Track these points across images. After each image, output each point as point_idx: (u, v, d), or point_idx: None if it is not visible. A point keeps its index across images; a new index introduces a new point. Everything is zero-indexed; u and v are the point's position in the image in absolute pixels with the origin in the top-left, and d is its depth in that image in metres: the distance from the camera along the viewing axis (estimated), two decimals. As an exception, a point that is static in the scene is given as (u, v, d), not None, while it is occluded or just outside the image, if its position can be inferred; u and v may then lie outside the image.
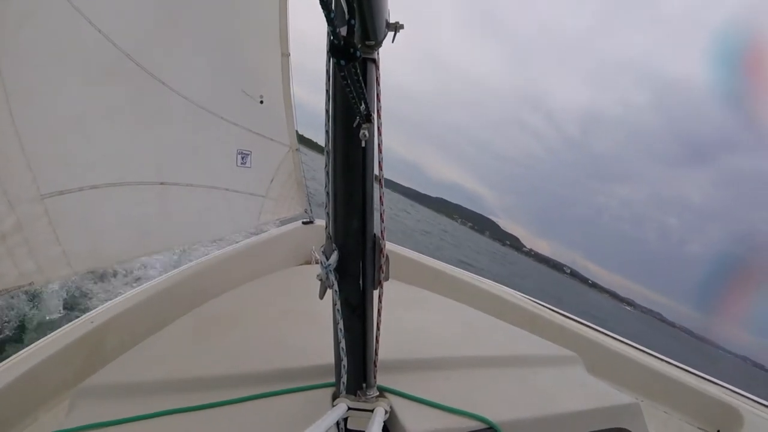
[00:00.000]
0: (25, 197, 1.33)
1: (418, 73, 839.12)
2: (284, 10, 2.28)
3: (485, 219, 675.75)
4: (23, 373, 1.26)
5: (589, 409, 1.12)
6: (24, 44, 1.29)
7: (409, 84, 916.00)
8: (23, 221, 1.32)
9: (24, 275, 1.34)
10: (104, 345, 1.53)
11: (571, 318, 2.46)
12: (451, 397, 1.01)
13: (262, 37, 2.30)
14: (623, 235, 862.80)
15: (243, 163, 2.33)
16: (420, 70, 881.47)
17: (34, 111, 1.35)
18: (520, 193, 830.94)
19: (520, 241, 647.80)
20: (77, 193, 1.51)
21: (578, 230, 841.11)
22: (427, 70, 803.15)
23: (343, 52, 0.46)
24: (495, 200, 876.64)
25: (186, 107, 1.92)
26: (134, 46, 1.62)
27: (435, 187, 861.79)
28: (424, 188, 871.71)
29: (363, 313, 0.87)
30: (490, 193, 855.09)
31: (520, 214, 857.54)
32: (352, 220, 0.80)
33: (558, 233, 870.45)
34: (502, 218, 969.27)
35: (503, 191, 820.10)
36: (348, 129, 0.72)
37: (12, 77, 1.25)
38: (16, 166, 1.30)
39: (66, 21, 1.39)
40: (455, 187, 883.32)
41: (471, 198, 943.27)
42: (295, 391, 0.99)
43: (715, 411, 1.94)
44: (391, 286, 0.91)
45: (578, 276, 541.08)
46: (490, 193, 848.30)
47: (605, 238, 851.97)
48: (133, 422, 0.88)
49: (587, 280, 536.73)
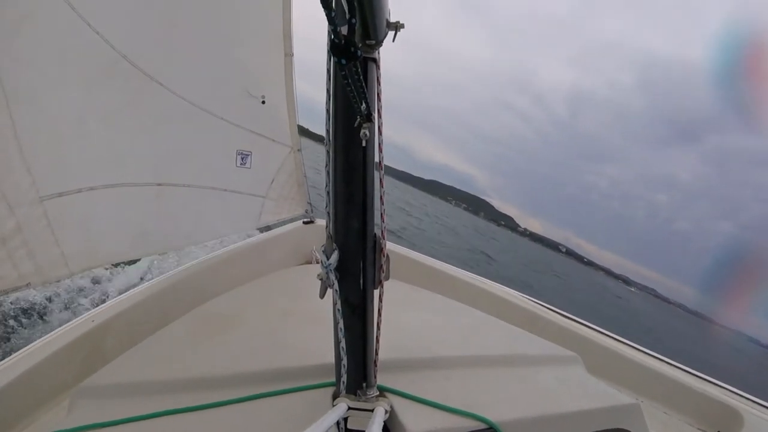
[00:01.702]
0: (25, 200, 1.33)
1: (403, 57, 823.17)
2: (287, 9, 2.27)
3: (479, 200, 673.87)
4: (23, 372, 1.26)
5: (589, 410, 1.12)
6: (23, 47, 1.29)
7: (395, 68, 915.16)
8: (22, 223, 1.32)
9: (22, 276, 1.34)
10: (104, 345, 1.53)
11: (571, 318, 2.46)
12: (451, 396, 1.00)
13: (264, 37, 2.30)
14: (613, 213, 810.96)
15: (242, 164, 2.32)
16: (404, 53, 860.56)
17: (33, 113, 1.35)
18: (510, 174, 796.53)
19: (515, 221, 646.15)
20: (75, 195, 1.51)
21: (569, 209, 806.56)
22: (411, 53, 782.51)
23: (344, 51, 0.46)
24: (486, 181, 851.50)
25: (184, 108, 1.92)
26: (132, 48, 1.62)
27: (427, 170, 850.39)
28: (416, 171, 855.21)
29: (363, 312, 0.87)
30: (480, 174, 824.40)
31: (511, 194, 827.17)
32: (353, 219, 0.80)
33: (550, 212, 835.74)
34: (494, 198, 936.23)
35: (494, 172, 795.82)
36: (349, 128, 0.72)
37: (11, 80, 1.25)
38: (15, 169, 1.31)
39: (64, 23, 1.40)
40: (446, 169, 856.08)
41: (462, 179, 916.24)
42: (295, 391, 0.99)
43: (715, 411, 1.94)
44: (392, 285, 0.91)
45: (574, 254, 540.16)
46: (480, 173, 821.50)
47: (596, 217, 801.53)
48: (134, 422, 0.88)
49: (582, 258, 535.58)
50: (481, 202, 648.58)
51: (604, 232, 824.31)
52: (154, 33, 1.73)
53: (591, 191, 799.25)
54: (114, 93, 1.63)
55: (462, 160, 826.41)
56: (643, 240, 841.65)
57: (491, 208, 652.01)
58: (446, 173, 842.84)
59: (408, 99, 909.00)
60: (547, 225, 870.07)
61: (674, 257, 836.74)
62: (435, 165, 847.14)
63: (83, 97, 1.52)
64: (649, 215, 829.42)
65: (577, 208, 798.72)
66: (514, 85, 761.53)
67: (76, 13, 1.40)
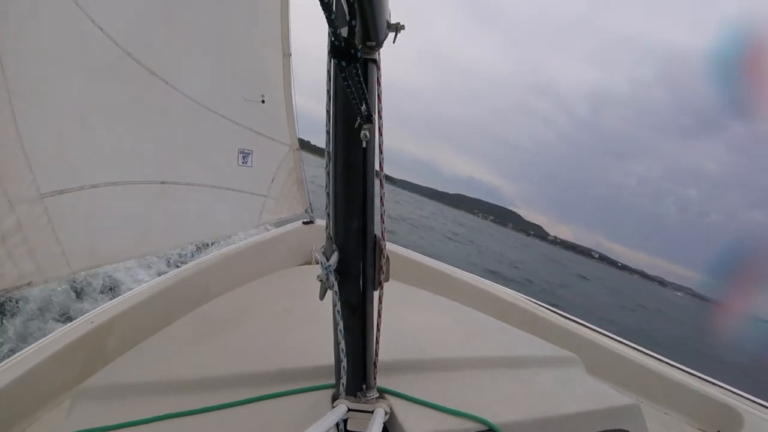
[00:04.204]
0: (25, 197, 1.33)
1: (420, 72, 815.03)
2: (285, 9, 2.27)
3: (506, 211, 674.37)
4: (23, 373, 1.26)
5: (589, 411, 1.12)
6: (27, 43, 1.29)
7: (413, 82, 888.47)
8: (23, 221, 1.32)
9: (23, 275, 1.33)
10: (104, 345, 1.53)
11: (571, 319, 2.45)
12: (451, 398, 1.00)
13: (264, 37, 2.30)
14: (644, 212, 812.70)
15: (244, 163, 2.32)
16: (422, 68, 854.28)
17: (36, 110, 1.34)
18: (536, 181, 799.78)
19: (544, 229, 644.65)
20: (77, 192, 1.50)
21: (598, 212, 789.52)
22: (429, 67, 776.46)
23: (344, 53, 0.46)
24: (512, 190, 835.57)
25: (187, 106, 1.92)
26: (136, 45, 1.61)
27: (452, 184, 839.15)
28: (441, 186, 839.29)
29: (363, 314, 0.87)
30: (506, 184, 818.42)
31: (538, 201, 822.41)
32: (353, 220, 0.80)
33: (579, 217, 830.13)
34: (522, 208, 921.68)
35: (519, 180, 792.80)
36: (349, 129, 0.72)
37: (14, 76, 1.25)
38: (16, 166, 1.30)
39: (68, 20, 1.39)
40: (471, 182, 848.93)
41: (488, 191, 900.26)
42: (295, 393, 0.99)
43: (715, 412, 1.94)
44: (392, 286, 0.91)
45: (607, 259, 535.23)
46: (506, 183, 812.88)
47: (627, 217, 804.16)
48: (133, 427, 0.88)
49: (616, 262, 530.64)
50: (508, 212, 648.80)
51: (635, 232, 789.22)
52: (157, 30, 1.73)
53: (620, 191, 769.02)
54: (117, 90, 1.62)
55: (486, 171, 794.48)
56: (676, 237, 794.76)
57: (519, 218, 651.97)
58: (471, 186, 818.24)
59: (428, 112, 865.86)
60: (578, 230, 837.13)
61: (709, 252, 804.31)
62: (460, 178, 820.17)
63: (86, 93, 1.52)
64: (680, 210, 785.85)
65: (606, 210, 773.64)
66: (533, 89, 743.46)
67: (80, 9, 1.39)
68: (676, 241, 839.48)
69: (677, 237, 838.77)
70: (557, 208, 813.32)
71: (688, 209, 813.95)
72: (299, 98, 2.52)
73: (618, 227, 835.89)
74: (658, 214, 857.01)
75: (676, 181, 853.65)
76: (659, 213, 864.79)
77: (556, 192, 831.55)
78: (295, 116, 2.58)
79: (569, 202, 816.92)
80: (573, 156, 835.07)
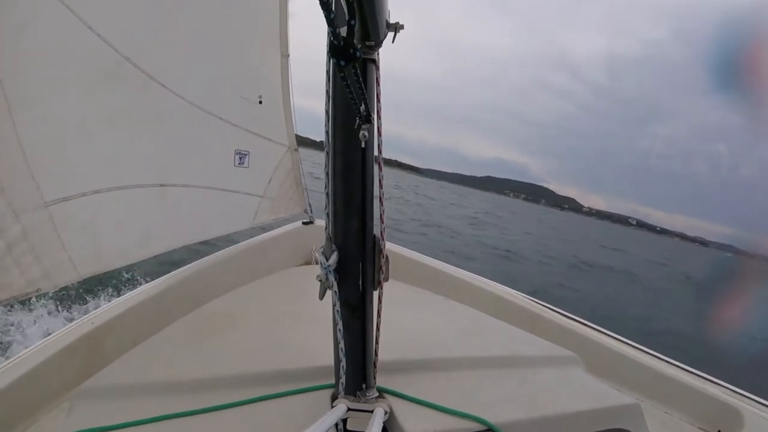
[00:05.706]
0: (30, 206, 1.33)
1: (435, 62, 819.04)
2: (284, 10, 2.27)
3: (537, 187, 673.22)
4: (23, 374, 1.26)
5: (589, 410, 1.12)
6: (24, 52, 1.29)
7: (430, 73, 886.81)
8: (28, 229, 1.32)
9: (31, 282, 1.33)
10: (105, 346, 1.53)
11: (571, 318, 2.45)
12: (451, 398, 1.00)
13: (262, 38, 2.30)
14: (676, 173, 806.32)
15: (241, 164, 2.32)
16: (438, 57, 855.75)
17: (36, 118, 1.34)
18: (563, 155, 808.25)
19: (577, 202, 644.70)
20: (80, 199, 1.50)
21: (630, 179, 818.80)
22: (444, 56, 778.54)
23: (343, 53, 0.46)
24: (540, 166, 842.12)
25: (185, 108, 1.92)
26: (133, 50, 1.61)
27: (479, 167, 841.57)
28: (469, 170, 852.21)
29: (363, 314, 0.87)
30: (533, 161, 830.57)
31: (567, 175, 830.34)
32: (352, 220, 0.80)
33: (610, 186, 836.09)
34: (552, 183, 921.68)
35: (546, 156, 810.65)
36: (348, 130, 0.72)
37: (12, 85, 1.24)
38: (20, 175, 1.30)
39: (65, 27, 1.39)
40: (499, 162, 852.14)
41: (515, 169, 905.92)
42: (295, 393, 0.99)
43: (715, 411, 1.94)
44: (391, 286, 0.91)
45: (645, 225, 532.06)
46: (532, 160, 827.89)
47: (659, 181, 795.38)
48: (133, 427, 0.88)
49: (655, 227, 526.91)
50: (539, 189, 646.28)
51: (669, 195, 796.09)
52: (154, 34, 1.73)
53: (648, 155, 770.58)
54: (116, 95, 1.62)
55: (512, 150, 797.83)
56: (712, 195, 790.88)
57: (551, 193, 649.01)
58: (499, 166, 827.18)
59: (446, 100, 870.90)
60: (611, 199, 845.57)
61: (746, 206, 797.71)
62: (486, 160, 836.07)
63: (86, 100, 1.52)
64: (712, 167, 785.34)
65: (638, 176, 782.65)
66: (548, 64, 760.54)
67: (76, 16, 1.39)
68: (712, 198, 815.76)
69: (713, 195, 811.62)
70: (587, 179, 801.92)
71: (719, 165, 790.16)
72: (297, 99, 2.52)
73: (651, 192, 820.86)
74: (690, 174, 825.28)
75: (704, 138, 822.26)
76: (691, 173, 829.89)
77: (584, 163, 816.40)
78: (294, 117, 2.58)
79: (599, 172, 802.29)
80: (596, 126, 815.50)
